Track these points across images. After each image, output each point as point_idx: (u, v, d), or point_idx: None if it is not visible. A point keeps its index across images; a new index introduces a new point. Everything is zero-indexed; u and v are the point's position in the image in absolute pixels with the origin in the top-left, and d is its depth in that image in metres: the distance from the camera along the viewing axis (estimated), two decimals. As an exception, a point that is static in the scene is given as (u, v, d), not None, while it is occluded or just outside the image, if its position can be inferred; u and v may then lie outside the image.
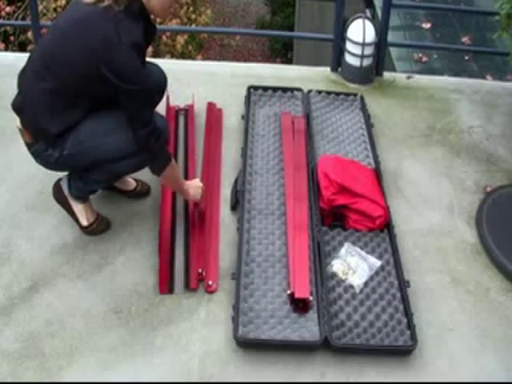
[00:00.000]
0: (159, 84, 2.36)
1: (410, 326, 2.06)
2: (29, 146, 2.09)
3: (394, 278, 2.25)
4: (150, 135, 2.00)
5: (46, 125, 1.99)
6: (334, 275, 2.23)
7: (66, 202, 2.28)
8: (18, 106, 2.07)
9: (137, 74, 1.90)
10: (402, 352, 2.05)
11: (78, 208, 2.28)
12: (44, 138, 2.03)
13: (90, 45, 1.87)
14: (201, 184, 2.39)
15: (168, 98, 2.88)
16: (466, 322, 2.18)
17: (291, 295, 2.10)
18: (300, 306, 2.10)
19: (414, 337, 2.03)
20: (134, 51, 1.86)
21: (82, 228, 2.31)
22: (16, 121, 2.09)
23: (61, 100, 1.98)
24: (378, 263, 2.28)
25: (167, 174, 2.14)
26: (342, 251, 2.31)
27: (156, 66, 2.35)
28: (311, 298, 2.11)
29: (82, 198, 2.27)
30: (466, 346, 2.11)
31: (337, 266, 2.26)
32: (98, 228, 2.32)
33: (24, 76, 2.06)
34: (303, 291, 2.11)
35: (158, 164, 2.11)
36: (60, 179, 2.26)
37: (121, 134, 2.01)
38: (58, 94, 1.97)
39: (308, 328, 2.04)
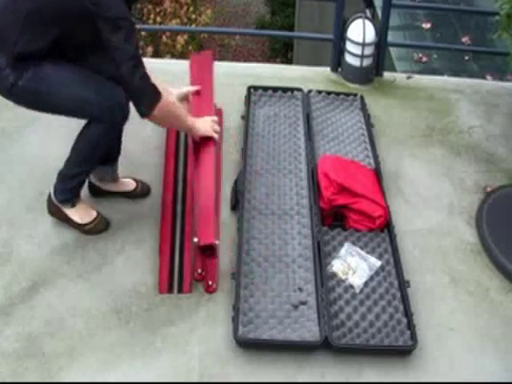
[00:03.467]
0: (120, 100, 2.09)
1: (410, 326, 2.06)
2: None
3: (394, 277, 2.25)
4: (135, 70, 1.92)
5: (14, 37, 1.93)
6: (333, 275, 2.23)
7: (58, 210, 2.30)
8: None
9: (120, 6, 1.88)
10: (402, 352, 2.05)
11: (71, 211, 2.29)
12: (5, 50, 1.96)
13: None
14: (212, 118, 2.30)
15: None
16: (466, 322, 2.18)
17: (198, 244, 2.04)
18: (209, 253, 2.07)
19: (414, 337, 2.03)
20: None
21: (79, 227, 2.31)
22: None
23: (35, 24, 1.93)
24: (378, 263, 2.28)
25: (159, 113, 2.01)
26: (342, 251, 2.31)
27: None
28: (217, 243, 2.07)
29: (71, 201, 2.27)
30: (465, 346, 2.11)
31: (337, 265, 2.26)
32: (97, 227, 2.32)
33: None
34: (208, 237, 2.05)
35: (147, 101, 1.99)
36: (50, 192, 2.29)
37: (87, 91, 1.98)
38: (35, 17, 1.92)
39: (308, 328, 2.04)
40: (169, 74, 3.22)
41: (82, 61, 2.02)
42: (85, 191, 2.38)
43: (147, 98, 1.99)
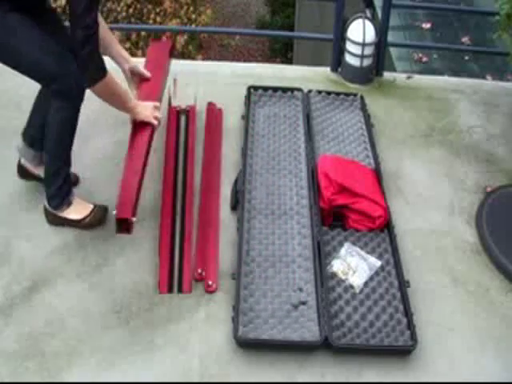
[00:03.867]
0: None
1: (410, 325, 2.06)
2: None
3: (394, 277, 2.25)
4: (87, 40, 1.97)
5: None
6: (333, 275, 2.23)
7: (57, 217, 2.31)
8: None
9: None
10: (402, 352, 2.05)
11: (69, 211, 2.31)
12: None
13: None
14: (155, 104, 2.36)
15: (170, 98, 2.88)
16: (466, 322, 2.18)
17: (115, 216, 2.07)
18: (122, 227, 2.09)
19: (414, 337, 2.03)
20: None
21: (79, 223, 2.32)
22: None
23: None
24: (378, 263, 2.28)
25: (101, 88, 2.08)
26: (342, 251, 2.31)
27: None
28: (135, 219, 2.10)
29: (66, 201, 2.29)
30: (465, 346, 2.11)
31: (337, 266, 2.26)
32: (96, 217, 2.34)
33: None
34: (125, 212, 2.08)
35: (90, 74, 2.05)
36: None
37: (47, 53, 2.01)
38: None
39: (308, 328, 2.04)
40: (169, 74, 3.22)
41: (42, 16, 2.05)
42: (80, 190, 2.39)
43: (91, 71, 2.05)
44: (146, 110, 2.33)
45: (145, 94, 2.47)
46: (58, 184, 2.25)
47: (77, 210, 2.32)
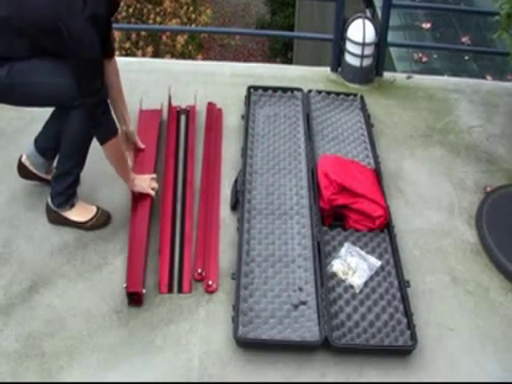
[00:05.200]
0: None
1: (410, 325, 2.06)
2: None
3: (394, 277, 2.25)
4: (98, 105, 2.06)
5: None
6: (334, 275, 2.23)
7: (58, 216, 2.32)
8: None
9: (87, 41, 1.94)
10: (402, 352, 2.05)
11: (71, 212, 2.31)
12: None
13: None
14: (151, 176, 2.43)
15: (170, 98, 2.88)
16: (466, 322, 2.18)
17: (125, 289, 2.11)
18: (134, 298, 2.11)
19: (414, 337, 2.03)
20: (92, 21, 1.92)
21: (81, 225, 2.32)
22: None
23: (9, 30, 1.97)
24: (378, 263, 2.28)
25: (111, 146, 2.17)
26: (342, 251, 2.31)
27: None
28: (144, 291, 2.13)
29: (70, 202, 2.29)
30: (466, 345, 2.11)
31: (337, 265, 2.26)
32: (99, 221, 2.35)
33: None
34: (135, 286, 2.12)
35: (103, 133, 2.14)
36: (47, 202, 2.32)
37: (62, 77, 2.02)
38: (9, 25, 1.96)
39: (308, 328, 2.04)
40: (169, 74, 3.23)
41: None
42: (79, 190, 2.39)
43: (105, 130, 2.14)
44: (144, 182, 2.40)
45: (140, 166, 2.55)
46: (66, 183, 2.25)
47: (80, 213, 2.32)
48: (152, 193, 2.40)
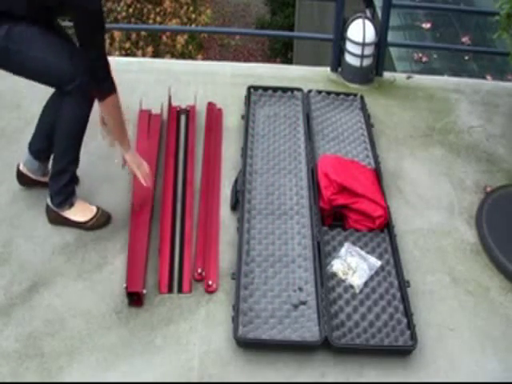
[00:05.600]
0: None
1: (410, 325, 2.06)
2: None
3: (394, 277, 2.25)
4: (98, 59, 2.04)
5: None
6: (333, 275, 2.23)
7: (57, 216, 2.32)
8: None
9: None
10: (402, 352, 2.05)
11: (70, 212, 2.31)
12: None
13: None
14: (147, 165, 2.36)
15: (170, 98, 2.88)
16: (466, 322, 2.18)
17: (125, 289, 2.10)
18: (134, 298, 2.11)
19: (414, 337, 2.03)
20: None
21: (81, 225, 2.32)
22: None
23: None
24: (378, 263, 2.28)
25: (110, 102, 2.12)
26: (342, 251, 2.31)
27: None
28: (145, 292, 2.12)
29: (69, 201, 2.29)
30: (466, 346, 2.11)
31: (337, 265, 2.26)
32: (99, 221, 2.34)
33: None
34: (136, 285, 2.11)
35: (104, 88, 2.10)
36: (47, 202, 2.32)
37: (56, 58, 2.03)
38: None
39: (308, 328, 2.04)
40: (169, 74, 3.23)
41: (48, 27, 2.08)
42: (79, 190, 2.39)
43: (104, 86, 2.09)
44: (137, 159, 2.32)
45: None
46: (63, 182, 2.25)
47: (80, 212, 2.32)
48: (138, 173, 2.31)
